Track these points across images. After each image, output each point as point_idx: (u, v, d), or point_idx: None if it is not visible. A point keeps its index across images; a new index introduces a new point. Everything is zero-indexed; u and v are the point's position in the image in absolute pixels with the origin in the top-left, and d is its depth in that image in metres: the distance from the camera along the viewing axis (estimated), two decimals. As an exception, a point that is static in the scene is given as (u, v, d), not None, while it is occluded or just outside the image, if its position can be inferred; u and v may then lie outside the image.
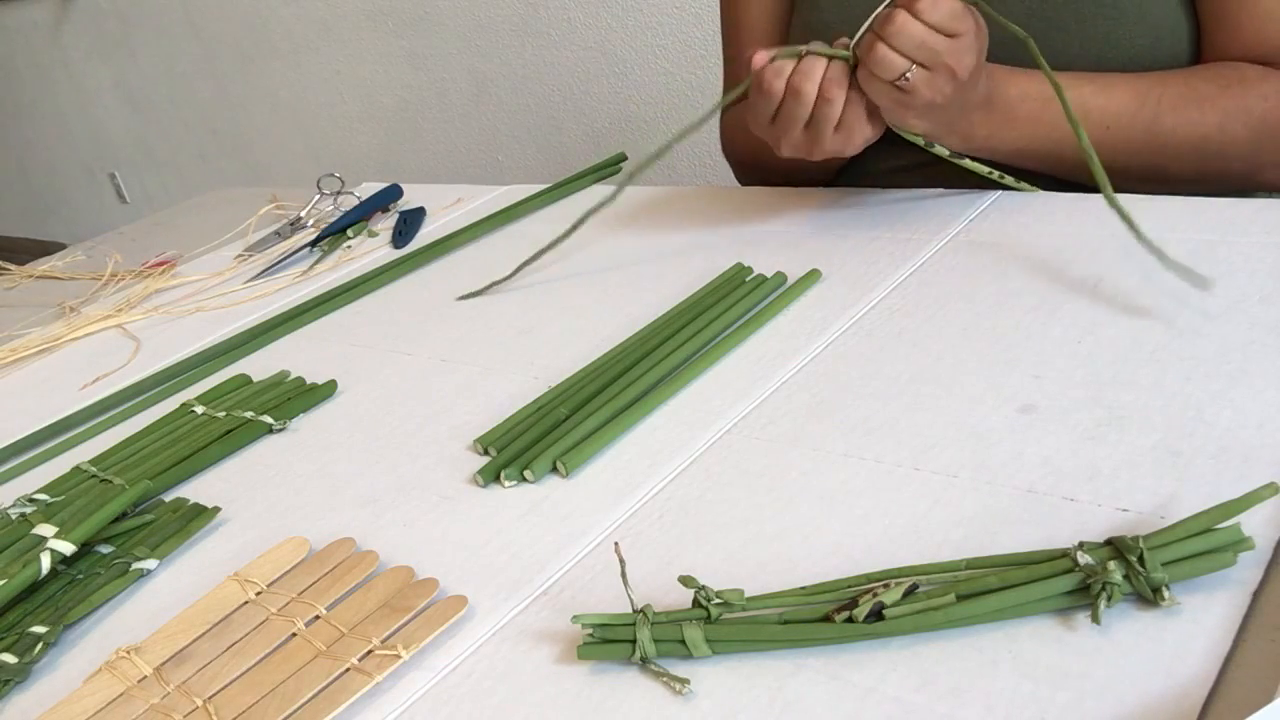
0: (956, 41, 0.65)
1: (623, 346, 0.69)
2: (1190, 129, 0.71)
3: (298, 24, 2.92)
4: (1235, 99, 0.71)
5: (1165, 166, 0.72)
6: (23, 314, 1.10)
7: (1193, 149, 0.71)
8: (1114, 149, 0.71)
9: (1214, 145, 0.71)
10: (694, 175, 2.26)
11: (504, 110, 2.58)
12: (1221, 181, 0.73)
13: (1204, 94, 0.71)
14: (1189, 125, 0.71)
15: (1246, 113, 0.71)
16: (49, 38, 3.75)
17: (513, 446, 0.60)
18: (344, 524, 0.59)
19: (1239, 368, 0.52)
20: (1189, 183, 0.73)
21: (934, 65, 0.65)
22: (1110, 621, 0.39)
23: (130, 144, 3.76)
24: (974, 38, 0.66)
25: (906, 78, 0.65)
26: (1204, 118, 0.71)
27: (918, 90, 0.66)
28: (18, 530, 0.62)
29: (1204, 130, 0.71)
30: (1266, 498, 0.40)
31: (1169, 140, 0.71)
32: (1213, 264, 0.61)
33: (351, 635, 0.49)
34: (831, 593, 0.43)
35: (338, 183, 1.19)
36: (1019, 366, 0.57)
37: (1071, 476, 0.48)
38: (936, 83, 0.66)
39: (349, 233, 1.06)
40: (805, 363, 0.63)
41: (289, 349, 0.85)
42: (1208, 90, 0.71)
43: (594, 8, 2.29)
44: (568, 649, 0.45)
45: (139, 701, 0.49)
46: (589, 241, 0.88)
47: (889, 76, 0.65)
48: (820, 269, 0.72)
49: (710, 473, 0.55)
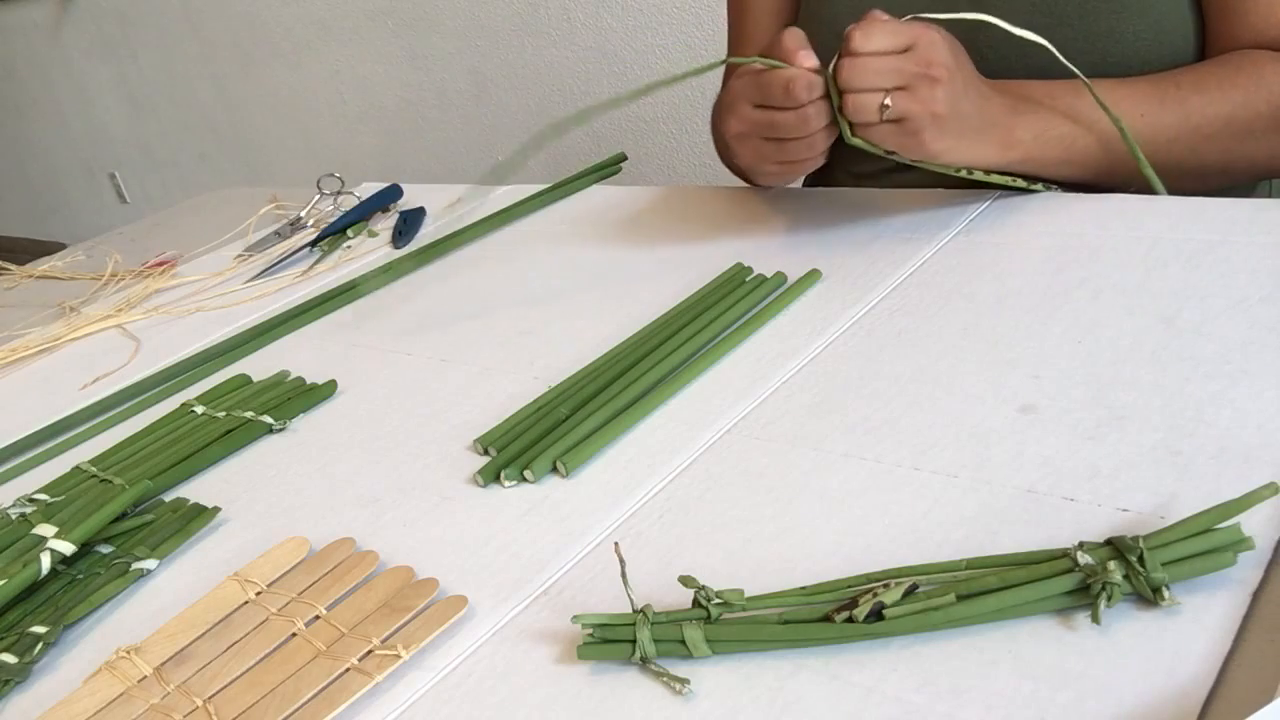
0: (911, 53, 0.64)
1: (623, 346, 0.69)
2: (1216, 109, 0.70)
3: (298, 24, 2.92)
4: (1252, 77, 0.71)
5: (1199, 151, 0.72)
6: (23, 314, 1.10)
7: (1222, 125, 0.71)
8: (1154, 137, 0.70)
9: (1240, 125, 0.71)
10: (694, 175, 2.26)
11: (504, 110, 2.58)
12: (1250, 169, 0.73)
13: (1221, 75, 0.71)
14: (1215, 105, 0.70)
15: (1267, 89, 0.70)
16: (49, 38, 3.75)
17: (513, 446, 0.60)
18: (344, 524, 0.59)
19: (1239, 368, 0.52)
20: (1220, 174, 0.73)
21: (905, 82, 0.64)
22: (1110, 621, 0.39)
23: (130, 144, 3.76)
24: (928, 41, 0.64)
25: (886, 107, 0.64)
26: (1227, 95, 0.70)
27: (909, 113, 0.64)
28: (18, 530, 0.62)
29: (1229, 108, 0.70)
30: (1266, 498, 0.40)
31: (1200, 122, 0.70)
32: (1213, 264, 0.61)
33: (351, 635, 0.49)
34: (831, 593, 0.43)
35: (338, 183, 1.19)
36: (1019, 366, 0.57)
37: (1071, 476, 0.48)
38: (921, 95, 0.64)
39: (349, 233, 1.06)
40: (805, 363, 0.63)
41: (289, 349, 0.85)
42: (1223, 72, 0.71)
43: (594, 8, 2.29)
44: (568, 649, 0.45)
45: (139, 702, 0.49)
46: (589, 241, 0.88)
47: (870, 118, 0.65)
48: (820, 269, 0.72)
49: (710, 473, 0.55)
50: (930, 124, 0.65)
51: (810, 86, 0.66)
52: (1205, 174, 0.72)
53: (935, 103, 0.64)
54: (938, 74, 0.64)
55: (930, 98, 0.64)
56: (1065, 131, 0.71)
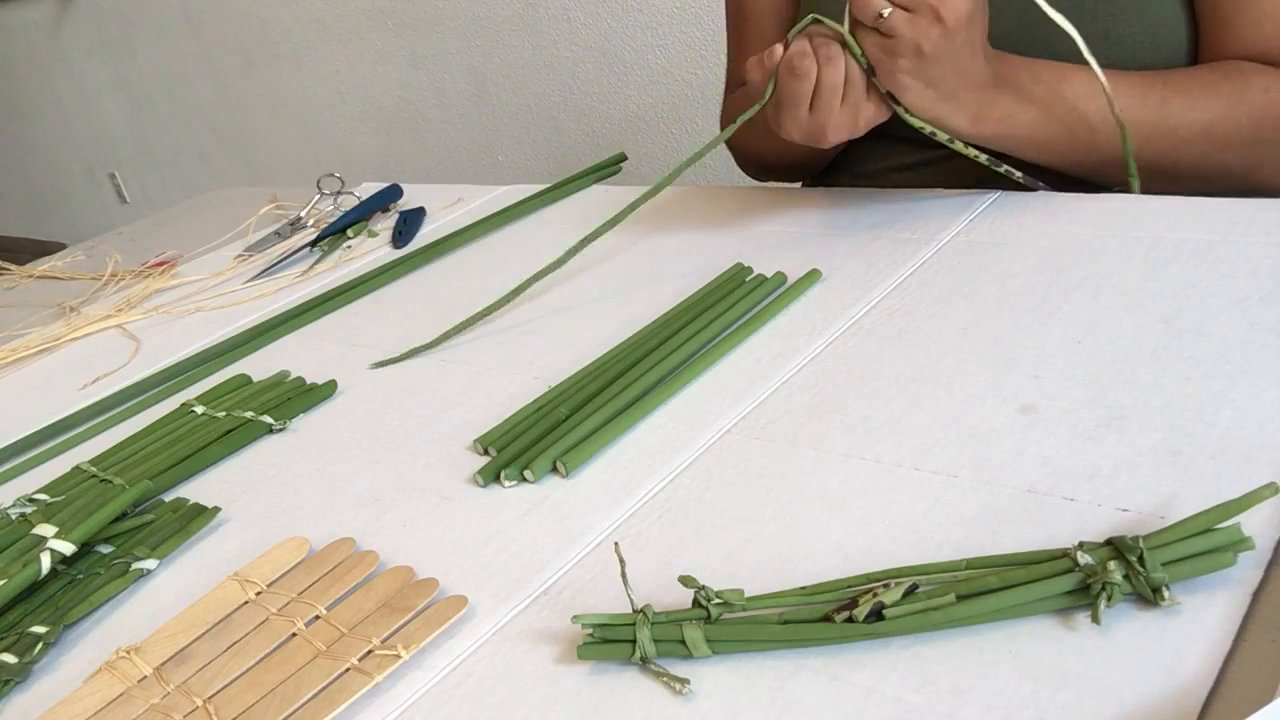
0: None
1: (623, 346, 0.69)
2: (1196, 114, 0.71)
3: (298, 24, 2.92)
4: (1237, 86, 0.71)
5: (1173, 154, 0.72)
6: (23, 314, 1.10)
7: (1199, 135, 0.71)
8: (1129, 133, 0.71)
9: (1219, 134, 0.71)
10: (694, 175, 2.26)
11: (504, 110, 2.58)
12: (1224, 178, 0.73)
13: (1207, 81, 0.71)
14: (1195, 110, 0.71)
15: (1249, 102, 0.71)
16: (49, 38, 3.75)
17: (513, 446, 0.60)
18: (344, 524, 0.59)
19: (1239, 368, 0.52)
20: (1193, 179, 0.73)
21: (914, 6, 0.63)
22: (1110, 621, 0.39)
23: (130, 144, 3.76)
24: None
25: (882, 15, 0.64)
26: (1209, 103, 0.71)
27: (899, 32, 0.64)
28: (18, 530, 0.62)
29: (1210, 117, 0.71)
30: (1266, 498, 0.40)
31: (1178, 125, 0.71)
32: (1213, 264, 0.61)
33: (351, 635, 0.49)
34: (831, 593, 0.43)
35: (338, 183, 1.19)
36: (1019, 366, 0.57)
37: (1071, 476, 0.48)
38: (919, 25, 0.64)
39: (349, 233, 1.06)
40: (805, 363, 0.63)
41: (289, 349, 0.85)
42: (1210, 78, 0.71)
43: (594, 8, 2.29)
44: (568, 649, 0.45)
45: (139, 702, 0.49)
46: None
47: (867, 15, 0.64)
48: (820, 269, 0.72)
49: (710, 473, 0.55)
50: (912, 55, 0.65)
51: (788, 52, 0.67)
52: (1179, 177, 0.73)
53: (927, 39, 0.64)
54: (945, 15, 0.64)
55: (925, 32, 0.64)
56: (1034, 117, 0.71)
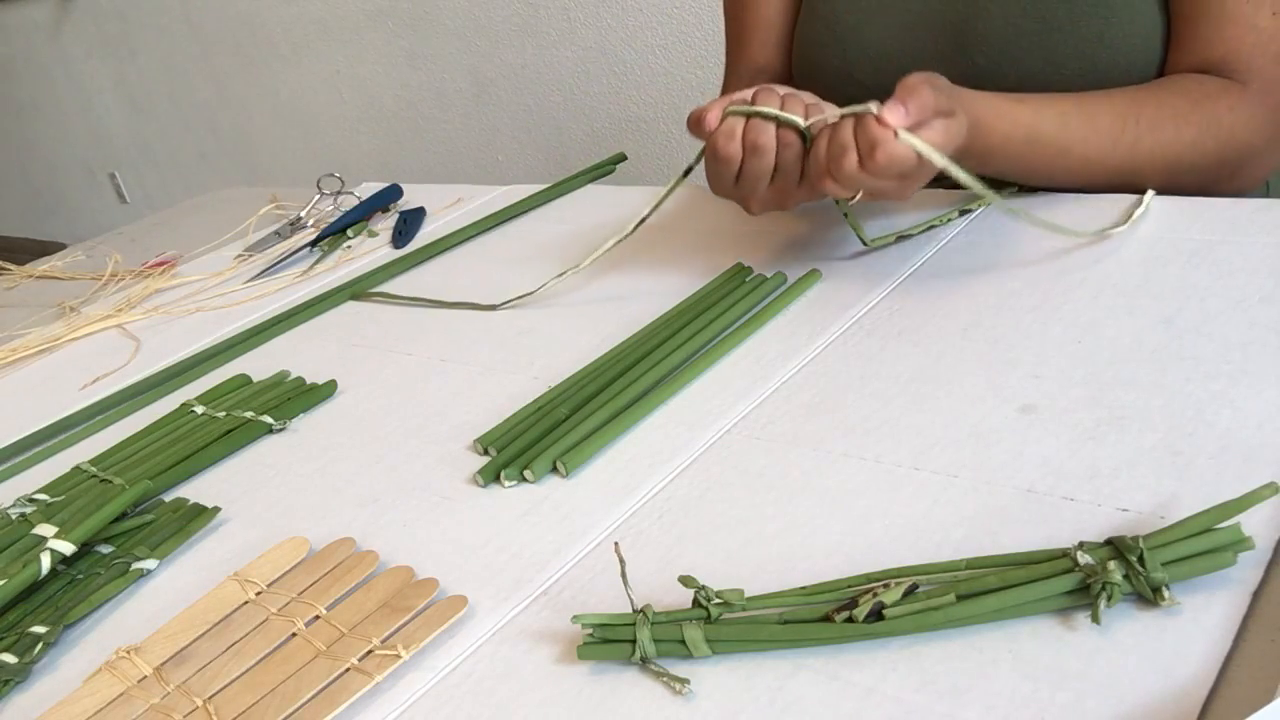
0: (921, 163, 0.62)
1: (623, 346, 0.69)
2: (1167, 149, 0.71)
3: (298, 24, 2.92)
4: (1207, 115, 0.71)
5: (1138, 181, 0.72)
6: (23, 314, 1.10)
7: (1166, 166, 0.72)
8: (1092, 175, 0.72)
9: (1186, 162, 0.71)
10: (694, 174, 2.26)
11: (504, 110, 2.58)
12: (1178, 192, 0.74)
13: (1178, 110, 0.71)
14: (1166, 145, 0.71)
15: (1217, 125, 0.71)
16: (49, 38, 3.75)
17: (513, 446, 0.60)
18: (344, 524, 0.59)
19: (1239, 368, 0.52)
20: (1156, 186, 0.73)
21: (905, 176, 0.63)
22: (1110, 621, 0.39)
23: (130, 144, 3.76)
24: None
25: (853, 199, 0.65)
26: (1179, 135, 0.71)
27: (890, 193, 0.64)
28: (18, 530, 0.62)
29: (1179, 149, 0.71)
30: (1266, 498, 0.40)
31: (1146, 161, 0.71)
32: (1213, 264, 0.61)
33: (351, 635, 0.49)
34: (831, 593, 0.43)
35: (338, 183, 1.19)
36: (1019, 366, 0.57)
37: (1071, 476, 0.48)
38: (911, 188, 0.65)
39: (349, 233, 1.06)
40: (805, 363, 0.63)
41: (289, 349, 0.85)
42: (1181, 105, 0.71)
43: (594, 8, 2.29)
44: (568, 649, 0.45)
45: (139, 702, 0.49)
46: (589, 241, 0.88)
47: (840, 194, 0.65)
48: (820, 269, 0.72)
49: (710, 473, 0.55)
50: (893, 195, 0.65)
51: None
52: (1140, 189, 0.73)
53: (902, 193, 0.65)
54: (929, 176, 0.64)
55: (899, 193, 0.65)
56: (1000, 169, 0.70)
